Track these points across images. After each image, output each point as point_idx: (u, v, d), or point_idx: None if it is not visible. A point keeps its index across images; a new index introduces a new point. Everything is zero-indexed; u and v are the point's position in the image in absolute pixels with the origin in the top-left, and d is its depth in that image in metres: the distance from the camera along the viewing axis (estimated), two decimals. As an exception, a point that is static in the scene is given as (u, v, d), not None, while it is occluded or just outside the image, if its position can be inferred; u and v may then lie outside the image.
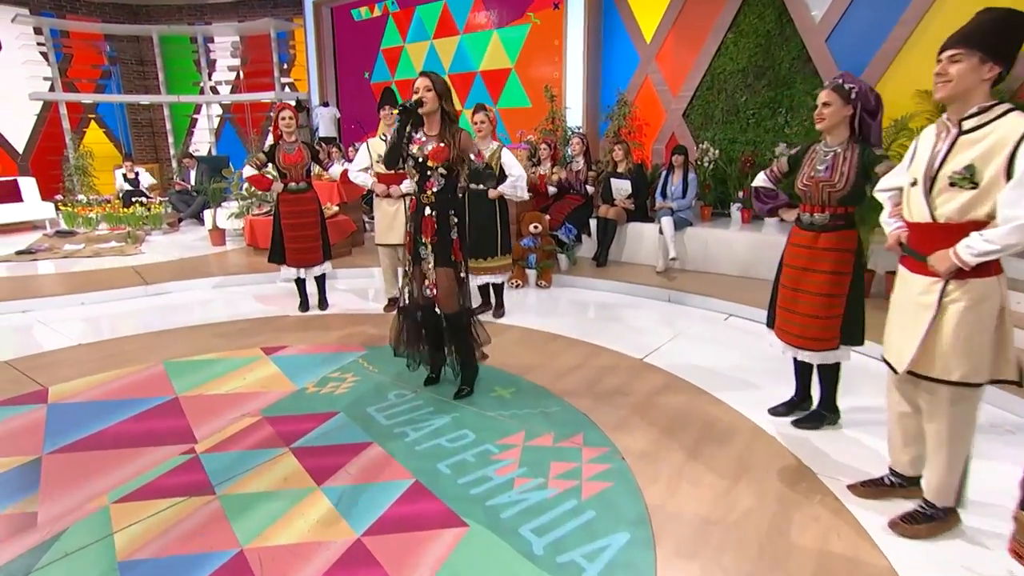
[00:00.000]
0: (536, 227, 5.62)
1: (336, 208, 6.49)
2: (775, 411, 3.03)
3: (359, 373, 3.58)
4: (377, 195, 4.36)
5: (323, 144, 8.52)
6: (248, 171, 4.34)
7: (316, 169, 4.62)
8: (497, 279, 4.41)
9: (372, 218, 8.03)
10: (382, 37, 9.28)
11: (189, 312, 5.00)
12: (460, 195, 3.06)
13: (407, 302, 3.10)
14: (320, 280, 4.85)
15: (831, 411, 2.90)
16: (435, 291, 2.96)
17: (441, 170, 2.86)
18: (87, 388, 3.36)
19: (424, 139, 2.91)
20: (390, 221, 4.39)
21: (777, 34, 6.01)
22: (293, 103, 9.48)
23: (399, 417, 3.02)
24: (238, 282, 5.85)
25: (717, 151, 6.31)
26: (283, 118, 4.30)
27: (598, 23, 7.17)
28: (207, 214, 7.58)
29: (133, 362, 3.77)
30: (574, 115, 7.21)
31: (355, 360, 3.78)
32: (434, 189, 2.87)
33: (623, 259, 6.14)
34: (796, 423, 2.92)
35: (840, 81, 2.50)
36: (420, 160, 2.85)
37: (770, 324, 2.93)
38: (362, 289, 5.67)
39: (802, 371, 2.98)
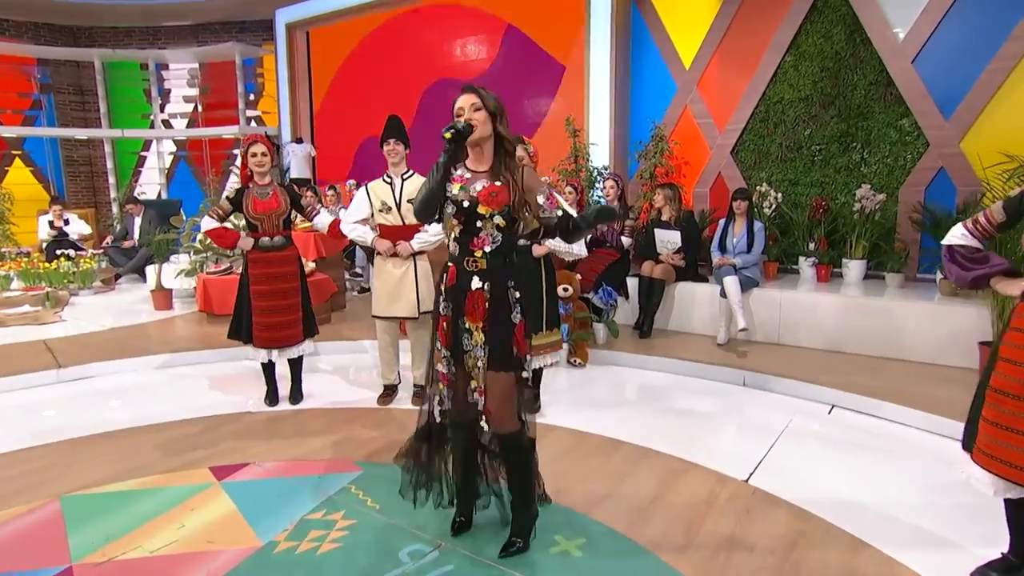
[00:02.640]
0: (566, 289, 4.88)
1: (312, 264, 5.74)
2: (982, 578, 2.24)
3: (353, 512, 2.74)
4: (379, 254, 3.75)
5: (295, 187, 7.81)
6: (207, 223, 3.71)
7: (298, 219, 3.90)
8: (548, 361, 3.72)
9: (355, 274, 7.51)
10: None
11: (116, 407, 4.14)
12: (519, 258, 2.36)
13: (437, 418, 2.34)
14: (296, 365, 4.06)
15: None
16: (485, 400, 2.24)
17: (498, 220, 2.18)
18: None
19: (469, 176, 2.24)
20: (395, 287, 3.77)
21: (849, 55, 5.57)
22: (261, 138, 9.02)
23: (421, 598, 2.17)
24: (186, 360, 5.05)
25: (779, 194, 5.70)
26: (253, 154, 3.65)
27: (626, 45, 6.75)
28: (150, 270, 6.90)
29: (17, 497, 2.88)
30: (599, 153, 6.62)
31: (346, 488, 2.94)
32: (487, 248, 2.20)
33: (671, 327, 5.53)
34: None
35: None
36: (467, 205, 2.17)
37: (969, 446, 2.18)
38: (346, 368, 4.90)
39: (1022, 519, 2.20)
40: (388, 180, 3.72)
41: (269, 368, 4.02)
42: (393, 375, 4.05)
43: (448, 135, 2.10)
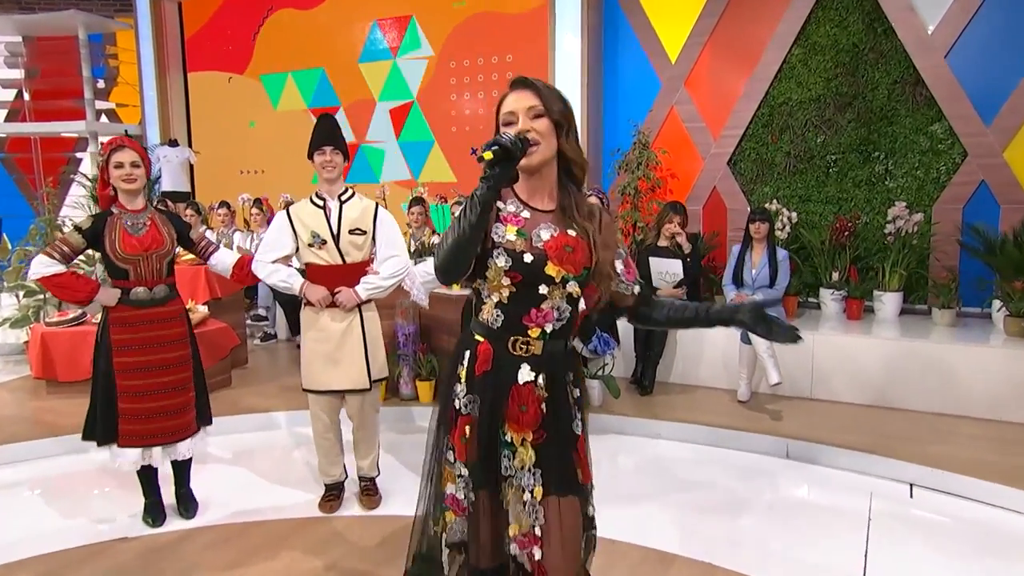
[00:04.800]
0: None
1: (204, 309, 4.89)
2: None
3: None
4: (309, 303, 3.22)
5: (169, 203, 6.94)
6: (42, 267, 2.96)
7: (184, 256, 3.22)
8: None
9: (258, 317, 6.72)
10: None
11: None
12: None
13: (445, 566, 1.87)
14: (182, 468, 3.31)
15: None
16: (536, 544, 1.77)
17: (572, 287, 1.73)
18: None
19: (528, 216, 1.77)
20: (334, 349, 3.23)
21: (868, 49, 5.46)
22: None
23: None
24: (13, 457, 4.10)
25: (793, 214, 5.42)
26: (119, 165, 2.99)
27: (598, 31, 6.43)
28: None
29: None
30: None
31: None
32: (548, 327, 1.75)
33: (673, 378, 5.21)
34: None
35: None
36: (529, 261, 1.72)
37: None
38: (259, 455, 4.12)
39: None
40: (319, 202, 3.19)
41: (148, 475, 3.25)
42: (338, 470, 3.43)
43: (488, 155, 1.57)
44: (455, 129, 7.22)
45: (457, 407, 1.81)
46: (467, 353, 1.79)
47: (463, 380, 1.80)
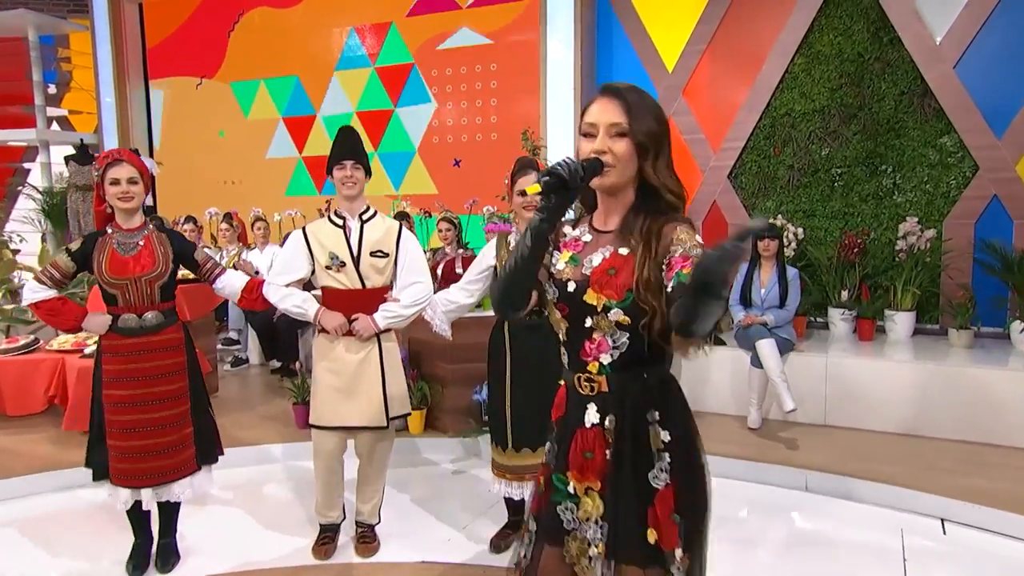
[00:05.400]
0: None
1: None
2: None
3: None
4: (322, 331, 3.07)
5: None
6: (33, 292, 2.91)
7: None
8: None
9: (229, 341, 6.55)
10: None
11: None
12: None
13: None
14: (169, 512, 3.16)
15: None
16: None
17: (617, 314, 1.55)
18: None
19: (589, 239, 1.66)
20: (349, 381, 3.07)
21: (874, 59, 5.43)
22: (75, 149, 7.73)
23: None
24: None
25: (800, 230, 5.36)
26: (114, 181, 2.85)
27: (590, 39, 6.36)
28: None
29: None
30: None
31: None
32: (604, 359, 1.60)
33: None
34: None
35: None
36: (572, 290, 1.62)
37: None
38: (233, 490, 3.89)
39: None
40: (339, 221, 3.06)
41: (138, 514, 3.06)
42: (337, 512, 3.25)
43: (534, 188, 1.45)
44: (437, 140, 7.07)
45: (545, 459, 1.74)
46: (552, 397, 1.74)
47: (556, 431, 1.72)
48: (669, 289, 1.44)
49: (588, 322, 1.58)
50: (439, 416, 4.58)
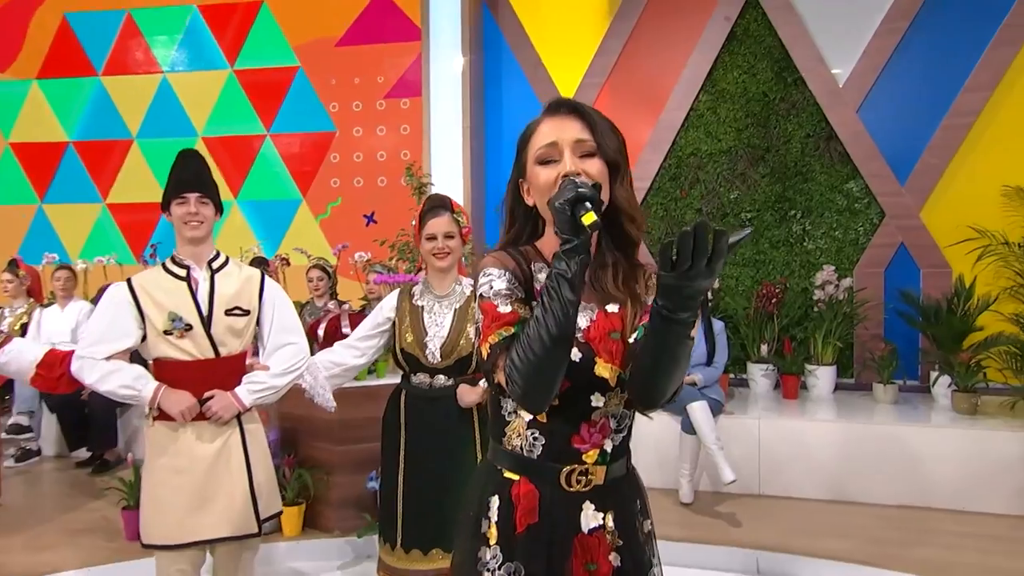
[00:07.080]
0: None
1: None
2: None
3: None
4: (159, 418, 2.68)
5: None
6: None
7: None
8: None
9: (16, 428, 5.60)
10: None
11: None
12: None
13: None
14: None
15: None
16: None
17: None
18: None
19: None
20: (202, 481, 2.68)
21: (779, 99, 5.75)
22: None
23: None
24: None
25: (716, 280, 5.42)
26: None
27: (478, 71, 6.31)
28: None
29: None
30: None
31: None
32: (607, 445, 1.54)
33: None
34: None
35: None
36: (578, 360, 1.50)
37: None
38: None
39: None
40: (180, 272, 2.68)
41: None
42: None
43: (590, 217, 1.30)
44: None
45: (490, 571, 1.51)
46: (494, 501, 1.51)
47: (494, 542, 1.50)
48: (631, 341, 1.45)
49: (595, 401, 1.48)
50: (322, 511, 4.15)
